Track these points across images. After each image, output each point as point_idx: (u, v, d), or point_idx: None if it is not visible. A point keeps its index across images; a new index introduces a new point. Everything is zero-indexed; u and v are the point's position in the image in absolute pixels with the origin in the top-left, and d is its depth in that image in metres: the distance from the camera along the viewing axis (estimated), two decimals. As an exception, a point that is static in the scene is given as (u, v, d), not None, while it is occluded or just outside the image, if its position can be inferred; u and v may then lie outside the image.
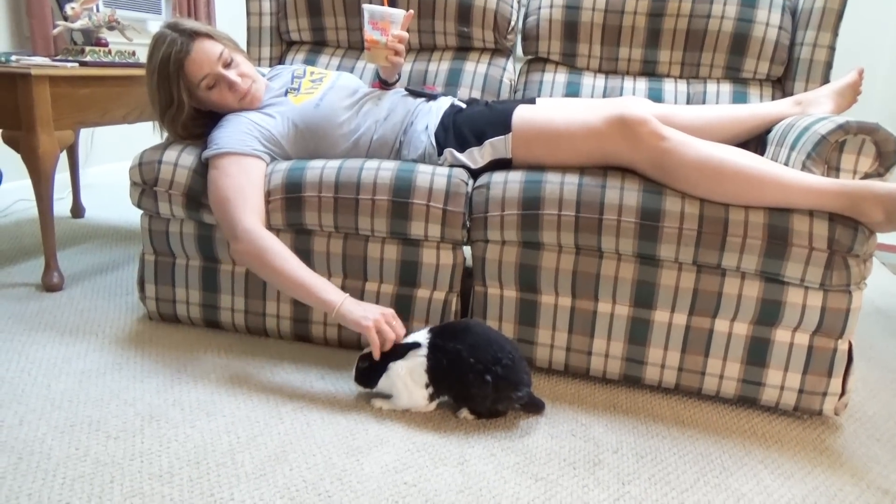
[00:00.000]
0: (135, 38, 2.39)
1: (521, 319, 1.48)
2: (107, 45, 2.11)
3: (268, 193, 1.49)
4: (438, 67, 2.02)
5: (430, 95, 1.69)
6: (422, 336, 1.30)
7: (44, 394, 1.32)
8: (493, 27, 1.98)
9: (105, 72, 1.95)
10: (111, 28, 2.11)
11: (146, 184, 1.55)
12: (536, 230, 1.41)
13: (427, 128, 1.58)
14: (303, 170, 1.50)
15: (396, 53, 1.65)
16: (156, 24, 3.55)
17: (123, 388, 1.35)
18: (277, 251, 1.37)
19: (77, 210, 2.66)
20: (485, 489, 1.11)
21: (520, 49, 2.08)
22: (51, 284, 1.85)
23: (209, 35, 1.57)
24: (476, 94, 1.97)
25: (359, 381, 1.34)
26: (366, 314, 1.31)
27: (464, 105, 1.67)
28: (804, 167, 1.40)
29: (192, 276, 1.62)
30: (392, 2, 1.97)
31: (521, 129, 1.47)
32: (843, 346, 1.36)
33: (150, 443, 1.17)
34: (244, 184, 1.44)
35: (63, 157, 2.85)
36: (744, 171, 1.32)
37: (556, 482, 1.14)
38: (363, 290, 1.53)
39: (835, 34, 1.82)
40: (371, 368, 1.31)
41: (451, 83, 1.98)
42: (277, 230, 1.52)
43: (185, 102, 1.54)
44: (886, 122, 1.39)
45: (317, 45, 2.14)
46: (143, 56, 2.20)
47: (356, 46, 2.11)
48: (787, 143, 1.52)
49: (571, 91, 1.96)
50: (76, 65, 1.92)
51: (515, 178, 1.44)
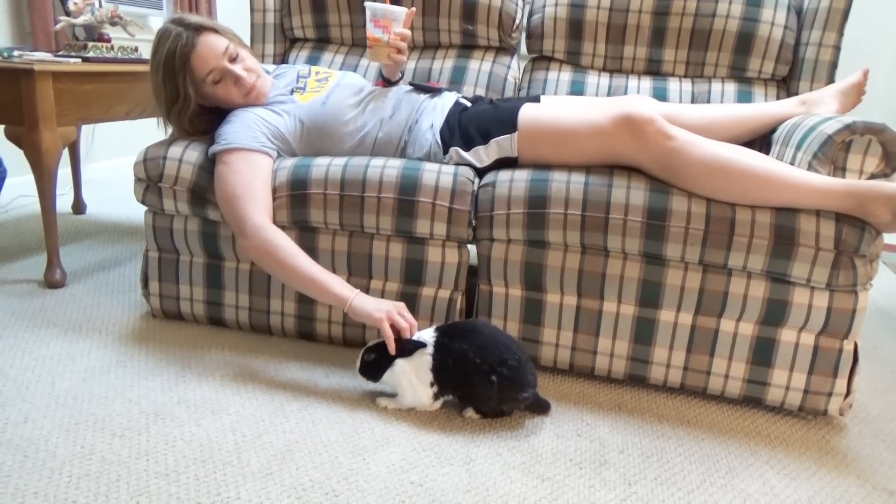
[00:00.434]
0: (137, 34, 2.38)
1: (526, 318, 1.48)
2: (109, 41, 2.10)
3: (273, 190, 1.49)
4: (443, 65, 2.01)
5: (435, 90, 1.69)
6: (428, 335, 1.29)
7: (48, 391, 1.31)
8: (498, 25, 1.98)
9: (108, 68, 1.94)
10: (113, 24, 2.10)
11: (151, 180, 1.54)
12: (542, 229, 1.40)
13: (432, 126, 1.57)
14: (308, 167, 1.50)
15: (399, 51, 1.64)
16: (157, 20, 3.54)
17: (128, 386, 1.35)
18: (286, 247, 1.36)
19: (78, 206, 2.65)
20: (491, 489, 1.11)
21: (524, 47, 2.07)
22: (53, 281, 1.84)
23: (214, 29, 1.57)
24: (480, 92, 1.96)
25: (363, 373, 1.33)
26: (378, 307, 1.30)
27: (469, 103, 1.66)
28: (810, 167, 1.40)
29: (196, 273, 1.61)
30: (396, -1, 1.96)
31: (528, 128, 1.47)
32: (849, 347, 1.36)
33: (156, 441, 1.17)
34: (252, 180, 1.43)
35: (64, 153, 2.84)
36: (751, 171, 1.31)
37: (563, 482, 1.14)
38: (368, 288, 1.52)
39: (840, 34, 1.82)
40: (376, 362, 1.31)
41: (456, 81, 1.98)
42: (282, 227, 1.51)
43: (191, 97, 1.54)
44: (888, 122, 1.38)
45: (320, 42, 2.13)
46: (146, 52, 2.19)
47: (360, 44, 2.10)
48: (793, 143, 1.51)
49: (576, 90, 1.95)
50: (79, 60, 1.91)
51: (521, 177, 1.44)
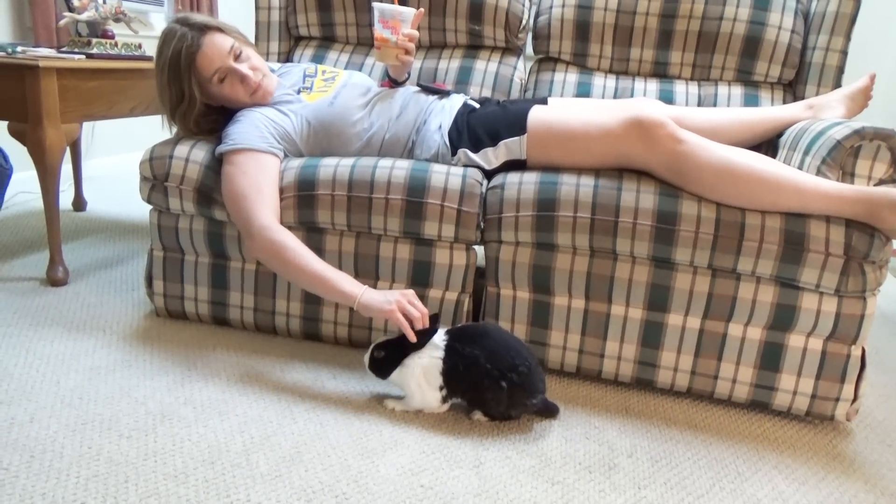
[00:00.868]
0: (139, 31, 2.37)
1: (534, 321, 1.48)
2: (113, 38, 2.09)
3: (280, 191, 1.48)
4: (449, 65, 2.00)
5: (443, 92, 1.68)
6: (438, 338, 1.29)
7: (53, 391, 1.30)
8: (505, 25, 1.97)
9: (112, 64, 1.93)
10: (117, 20, 2.09)
11: (157, 179, 1.53)
12: (551, 232, 1.40)
13: (440, 127, 1.57)
14: (316, 167, 1.49)
15: (406, 52, 1.63)
16: (158, 17, 3.53)
17: (134, 386, 1.34)
18: (294, 247, 1.35)
19: (79, 203, 2.63)
20: (501, 493, 1.10)
21: (530, 48, 2.07)
22: (56, 279, 1.83)
23: (219, 29, 1.56)
24: (486, 93, 1.96)
25: (372, 370, 1.32)
26: (388, 299, 1.29)
27: (477, 104, 1.66)
28: (819, 172, 1.40)
29: (201, 273, 1.60)
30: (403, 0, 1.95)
31: (537, 131, 1.47)
32: (857, 352, 1.36)
33: (164, 442, 1.16)
34: (260, 180, 1.43)
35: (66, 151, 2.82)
36: (761, 176, 1.31)
37: (573, 486, 1.14)
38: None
39: (847, 39, 1.82)
40: (387, 359, 1.29)
41: (462, 81, 1.97)
42: (289, 228, 1.50)
43: (197, 98, 1.53)
44: (892, 126, 1.38)
45: (325, 41, 2.12)
46: (150, 49, 2.18)
47: (366, 43, 2.09)
48: (801, 148, 1.51)
49: (582, 91, 1.95)
50: (83, 57, 1.89)
51: (530, 180, 1.43)
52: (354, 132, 1.59)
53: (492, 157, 1.51)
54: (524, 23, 2.01)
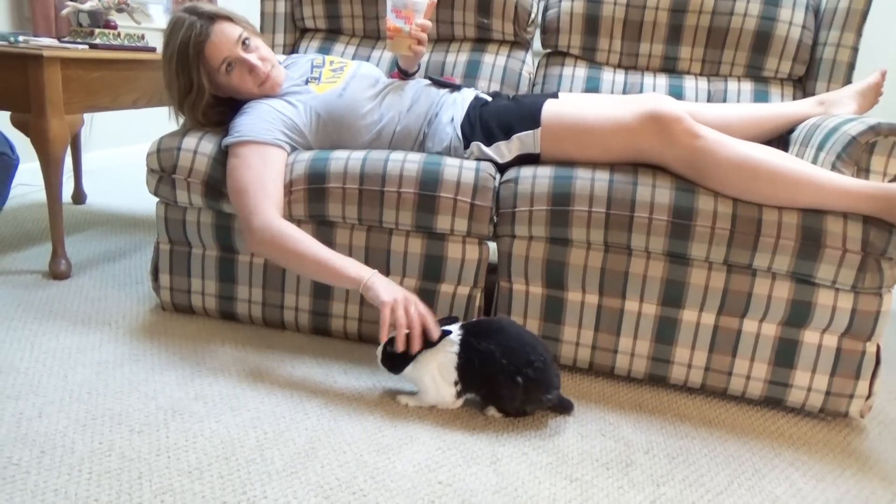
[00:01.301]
0: (142, 22, 2.34)
1: (547, 316, 1.46)
2: (116, 28, 2.06)
3: (290, 184, 1.46)
4: (457, 59, 1.98)
5: (454, 86, 1.67)
6: (453, 332, 1.27)
7: (61, 385, 1.28)
8: (514, 19, 1.96)
9: (116, 55, 1.90)
10: (120, 10, 2.06)
11: (164, 171, 1.51)
12: (565, 226, 1.39)
13: (452, 120, 1.55)
14: (326, 160, 1.47)
15: (419, 42, 1.61)
16: (156, 8, 3.49)
17: (143, 381, 1.32)
18: (295, 236, 1.33)
19: (78, 196, 2.60)
20: (520, 489, 1.09)
21: (538, 42, 2.05)
22: (58, 272, 1.80)
23: (228, 18, 1.53)
24: (495, 87, 1.94)
25: (385, 365, 1.30)
26: (388, 291, 1.26)
27: (489, 98, 1.64)
28: (833, 168, 1.39)
29: (209, 267, 1.58)
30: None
31: (551, 125, 1.45)
32: (872, 349, 1.35)
33: (176, 437, 1.14)
34: (264, 174, 1.40)
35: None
36: (779, 172, 1.30)
37: (591, 483, 1.13)
38: (385, 284, 1.50)
39: (858, 35, 1.81)
40: (400, 354, 1.27)
41: (470, 75, 1.95)
42: (299, 221, 1.48)
43: (205, 88, 1.50)
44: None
45: (332, 34, 2.10)
46: (153, 40, 2.15)
47: (372, 35, 2.07)
48: (814, 144, 1.51)
49: (591, 86, 1.94)
50: (86, 47, 1.86)
51: (544, 174, 1.42)
52: (364, 124, 1.57)
53: (505, 151, 1.49)
54: (533, 16, 1.99)
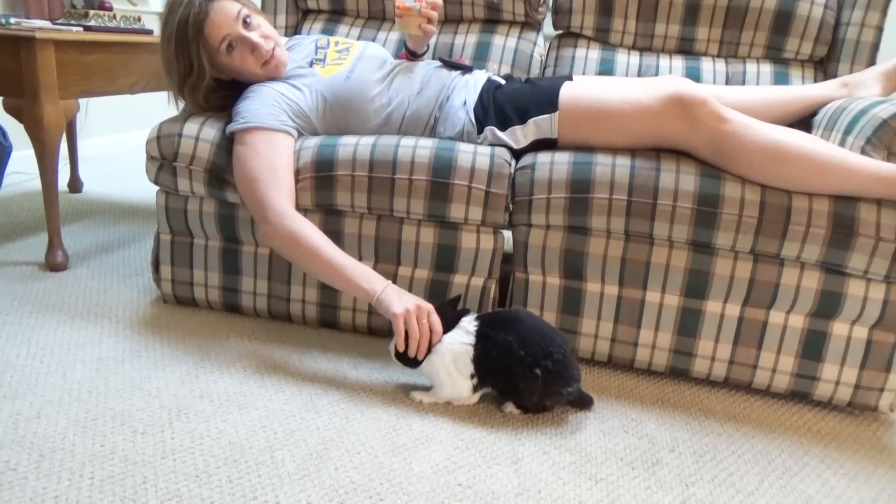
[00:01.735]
0: (138, 4, 2.26)
1: (565, 308, 1.41)
2: (111, 9, 1.98)
3: (296, 172, 1.40)
4: (465, 40, 1.91)
5: (466, 68, 1.60)
6: (468, 322, 1.22)
7: (60, 383, 1.22)
8: (525, -1, 1.89)
9: (111, 37, 1.83)
10: (115, -9, 1.98)
11: (165, 159, 1.45)
12: (585, 215, 1.33)
13: (465, 103, 1.49)
14: (334, 146, 1.41)
15: (429, 21, 1.55)
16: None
17: (145, 378, 1.26)
18: (312, 236, 1.28)
19: (75, 184, 2.54)
20: (543, 491, 1.04)
21: (549, 24, 1.98)
22: (55, 263, 1.74)
23: None
24: (505, 70, 1.87)
25: (400, 360, 1.24)
26: (400, 301, 1.21)
27: (502, 80, 1.57)
28: (863, 152, 1.33)
29: (212, 258, 1.52)
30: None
31: (569, 108, 1.39)
32: (903, 341, 1.30)
33: (181, 439, 1.09)
34: (274, 162, 1.34)
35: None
36: (809, 157, 1.25)
37: (617, 483, 1.08)
38: (396, 275, 1.44)
39: (883, 14, 1.75)
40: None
41: (479, 57, 1.88)
42: (305, 210, 1.42)
43: (206, 70, 1.44)
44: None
45: (335, 14, 2.02)
46: (149, 22, 2.08)
47: (377, 16, 2.00)
48: (840, 128, 1.45)
49: (605, 69, 1.87)
50: (80, 29, 1.79)
51: (563, 160, 1.36)
52: (373, 108, 1.50)
53: (520, 136, 1.43)
54: (544, -4, 1.92)
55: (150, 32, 2.04)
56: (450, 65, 1.61)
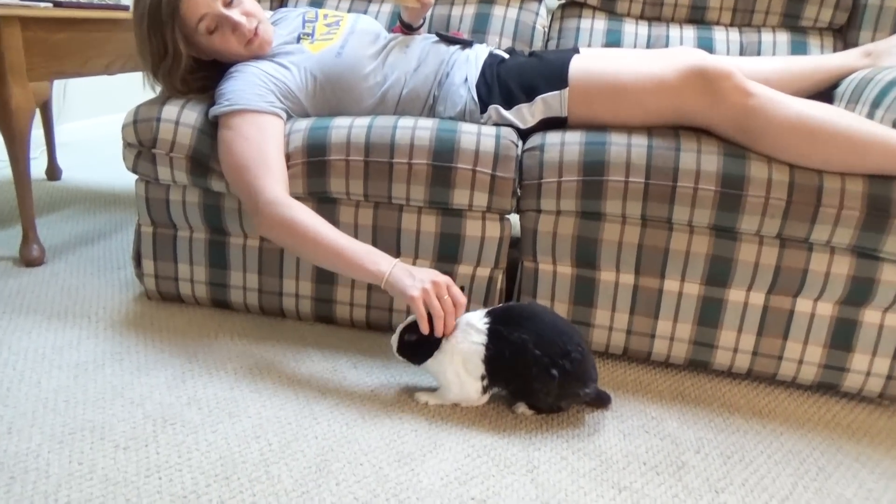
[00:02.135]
0: (113, -23, 2.12)
1: (577, 299, 1.32)
2: (83, -16, 1.85)
3: (287, 157, 1.29)
4: (463, 12, 1.80)
5: (465, 42, 1.49)
6: (478, 319, 1.12)
7: (34, 393, 1.13)
8: (526, -34, 1.77)
9: (84, 14, 1.70)
10: (87, -36, 1.85)
11: (143, 145, 1.33)
12: (599, 199, 1.23)
13: (466, 80, 1.38)
14: (327, 129, 1.30)
15: (427, -9, 1.43)
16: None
17: (127, 384, 1.17)
18: (308, 221, 1.17)
19: (53, 171, 2.41)
20: (564, 502, 0.96)
21: (551, -8, 1.87)
22: (30, 258, 1.63)
23: None
24: (507, 43, 1.76)
25: (404, 355, 1.15)
26: (414, 283, 1.10)
27: (505, 55, 1.46)
28: (894, 127, 1.24)
29: (197, 251, 1.42)
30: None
31: (580, 84, 1.28)
32: (939, 329, 1.22)
33: (167, 453, 1.00)
34: (264, 147, 1.23)
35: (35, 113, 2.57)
36: (843, 134, 1.15)
37: (642, 492, 0.99)
38: (396, 267, 1.35)
39: (909, -23, 1.64)
40: (421, 343, 1.12)
41: (479, 30, 1.77)
42: (297, 199, 1.32)
43: (182, 52, 1.32)
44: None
45: (323, -14, 1.90)
46: (125, -3, 1.95)
47: (368, -12, 1.87)
48: (867, 100, 1.35)
49: (612, 40, 1.76)
50: (50, 5, 1.66)
51: (574, 140, 1.26)
52: (367, 87, 1.39)
53: (527, 115, 1.33)
54: (546, -37, 1.80)
55: (126, 8, 1.91)
56: (448, 39, 1.49)
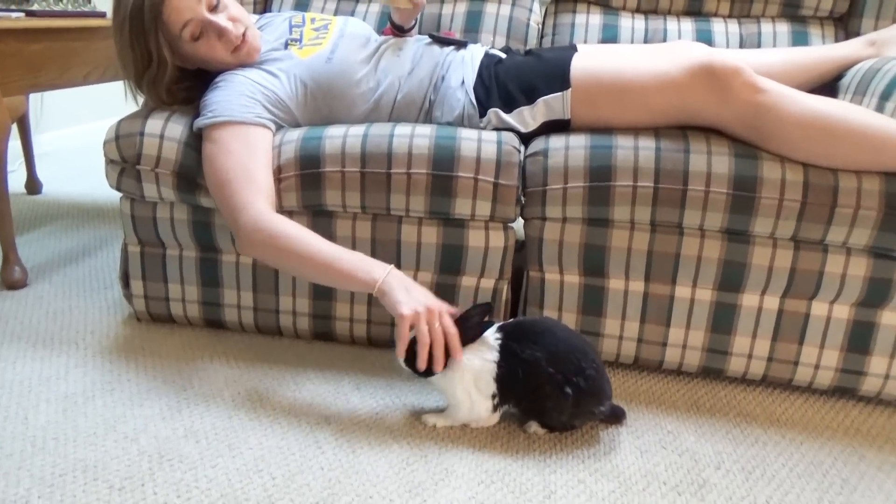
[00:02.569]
0: (88, -18, 2.04)
1: (585, 309, 1.27)
2: (56, -9, 1.77)
3: (278, 170, 1.23)
4: (454, 10, 1.74)
5: (460, 42, 1.43)
6: (490, 334, 1.07)
7: (21, 431, 1.07)
8: (517, -39, 1.71)
9: (59, 23, 1.63)
10: (60, -31, 1.77)
11: (126, 161, 1.27)
12: (606, 205, 1.19)
13: (463, 83, 1.33)
14: (320, 139, 1.24)
15: (419, -8, 1.38)
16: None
17: (120, 417, 1.11)
18: (292, 233, 1.11)
19: (33, 185, 2.33)
20: (585, 531, 0.91)
21: (544, -13, 1.81)
22: (12, 281, 1.56)
23: None
24: (500, 42, 1.70)
25: (409, 365, 1.08)
26: (408, 301, 1.05)
27: (502, 54, 1.41)
28: (906, 121, 1.19)
29: (188, 269, 1.36)
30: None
31: (583, 84, 1.23)
32: (959, 328, 1.19)
33: (166, 493, 0.94)
34: (248, 160, 1.17)
35: (12, 129, 2.49)
36: (858, 130, 1.11)
37: (666, 515, 0.95)
38: (396, 280, 1.29)
39: (911, -37, 1.60)
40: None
41: (471, 29, 1.71)
42: (291, 213, 1.26)
43: (167, 60, 1.25)
44: None
45: (308, -14, 1.83)
46: (101, 3, 1.87)
47: (355, -13, 1.81)
48: (875, 92, 1.32)
49: (608, 35, 1.71)
50: (21, 15, 1.59)
51: (579, 144, 1.21)
52: (359, 93, 1.33)
53: (528, 118, 1.27)
54: (538, -43, 1.74)
55: (103, 15, 1.84)
56: (441, 40, 1.44)
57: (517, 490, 0.98)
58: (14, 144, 2.61)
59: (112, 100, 3.21)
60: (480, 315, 1.07)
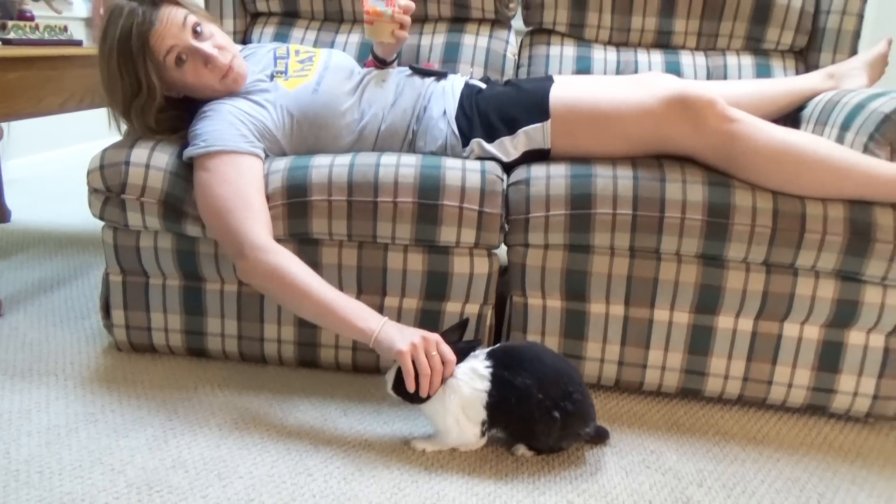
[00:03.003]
0: (63, 11, 2.04)
1: (568, 332, 1.30)
2: (33, 20, 1.77)
3: (265, 198, 1.25)
4: (433, 41, 1.78)
5: (440, 73, 1.47)
6: (480, 363, 1.09)
7: (3, 465, 1.05)
8: (494, -6, 1.76)
9: (35, 51, 1.62)
10: (37, -2, 1.77)
11: (111, 191, 1.27)
12: (587, 232, 1.23)
13: (445, 113, 1.36)
14: (307, 168, 1.26)
15: (402, 27, 1.41)
16: (76, -7, 3.13)
17: (105, 449, 1.10)
18: (297, 272, 1.13)
19: (1, 213, 2.29)
20: (576, 552, 0.93)
21: (519, 20, 1.86)
22: (-14, 311, 1.54)
23: (175, 1, 1.29)
24: (478, 72, 1.75)
25: (398, 392, 1.10)
26: (402, 337, 1.08)
27: (482, 84, 1.45)
28: (866, 150, 1.27)
29: (171, 298, 1.35)
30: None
31: (562, 115, 1.28)
32: (921, 347, 1.25)
33: (156, 526, 0.94)
34: (245, 189, 1.19)
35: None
36: (826, 161, 1.17)
37: (653, 534, 0.98)
38: (382, 306, 1.31)
39: (864, 1, 1.70)
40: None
41: (449, 59, 1.75)
42: (278, 241, 1.27)
43: (157, 87, 1.26)
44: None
45: (288, 17, 1.86)
46: (77, 32, 1.87)
47: (334, 17, 1.84)
48: (836, 123, 1.39)
49: (582, 66, 1.77)
50: (-1, 43, 1.58)
51: (559, 173, 1.25)
52: (344, 123, 1.36)
53: (510, 148, 1.31)
54: (514, -9, 1.80)
55: (80, 43, 1.84)
56: (421, 72, 1.47)
57: (508, 513, 1.00)
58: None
59: (82, 125, 3.18)
60: (459, 335, 1.12)
